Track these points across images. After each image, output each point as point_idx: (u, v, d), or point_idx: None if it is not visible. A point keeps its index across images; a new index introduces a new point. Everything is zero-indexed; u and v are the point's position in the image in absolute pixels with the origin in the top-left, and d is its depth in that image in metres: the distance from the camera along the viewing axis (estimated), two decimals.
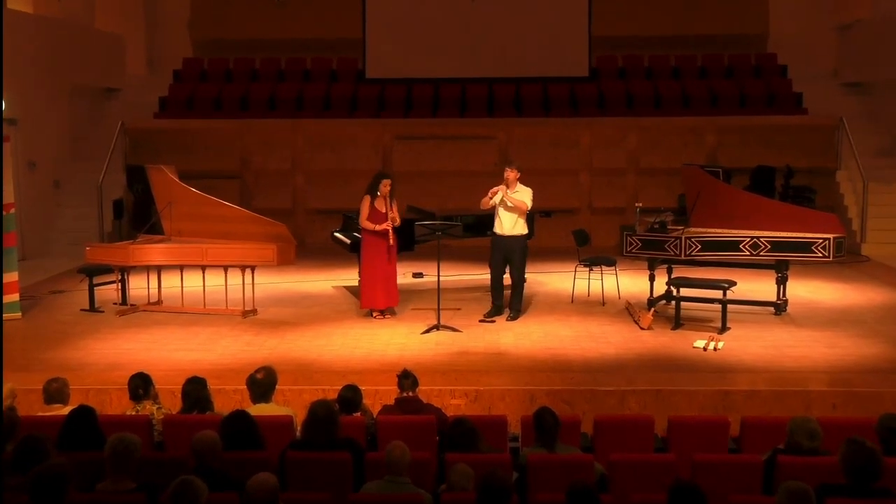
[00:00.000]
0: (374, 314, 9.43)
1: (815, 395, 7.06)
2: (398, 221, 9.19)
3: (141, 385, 5.88)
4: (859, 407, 6.87)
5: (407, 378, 5.99)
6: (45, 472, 4.09)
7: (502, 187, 9.09)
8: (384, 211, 9.13)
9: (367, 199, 9.18)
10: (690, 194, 9.77)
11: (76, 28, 15.06)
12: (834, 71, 16.20)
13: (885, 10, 14.61)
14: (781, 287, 9.47)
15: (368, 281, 9.35)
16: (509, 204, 9.08)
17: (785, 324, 9.15)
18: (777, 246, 9.02)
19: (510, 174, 9.10)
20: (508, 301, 9.41)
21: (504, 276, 9.36)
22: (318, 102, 15.40)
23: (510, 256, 9.22)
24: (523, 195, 9.13)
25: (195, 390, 5.73)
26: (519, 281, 9.33)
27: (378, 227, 9.11)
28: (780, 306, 9.45)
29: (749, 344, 8.35)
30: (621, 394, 7.13)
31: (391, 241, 9.11)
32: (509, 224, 9.15)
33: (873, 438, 4.71)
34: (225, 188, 13.45)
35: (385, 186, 9.12)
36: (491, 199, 9.11)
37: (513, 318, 9.34)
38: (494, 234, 9.26)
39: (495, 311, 9.38)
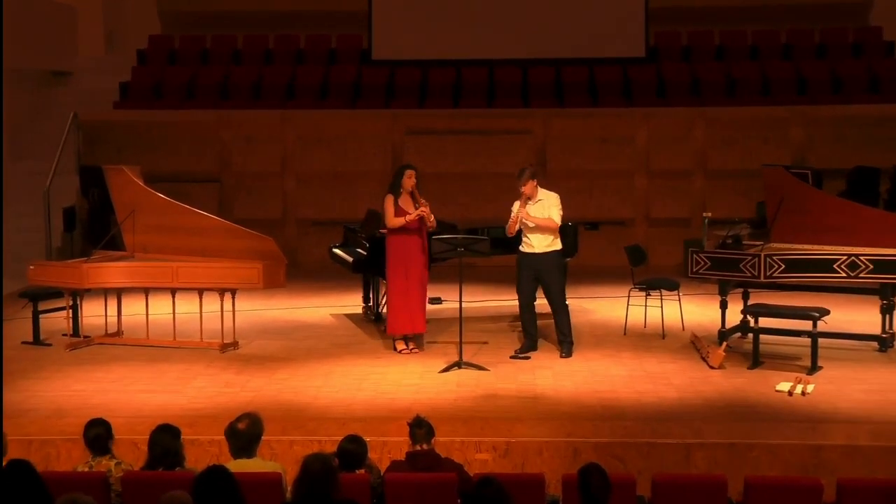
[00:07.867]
0: (400, 348, 9.44)
1: None
2: (433, 221, 9.19)
3: (104, 434, 5.91)
4: None
5: (421, 427, 6.00)
6: None
7: (521, 208, 9.07)
8: (412, 210, 9.22)
9: (391, 198, 9.25)
10: (772, 202, 9.75)
11: None
12: None
13: None
14: (887, 317, 9.41)
15: (398, 298, 9.30)
16: (531, 224, 9.10)
17: (892, 362, 9.10)
18: (881, 266, 8.97)
19: (524, 188, 9.05)
20: (556, 334, 9.38)
21: (535, 301, 9.36)
22: (314, 89, 15.51)
23: (544, 277, 9.21)
24: (548, 206, 9.11)
25: (164, 440, 5.74)
26: (561, 306, 9.31)
27: (409, 217, 9.11)
28: (885, 341, 9.40)
29: (846, 387, 8.31)
30: (686, 448, 7.11)
31: (429, 227, 9.16)
32: (538, 241, 9.15)
33: None
34: (200, 194, 13.56)
35: (409, 178, 9.22)
36: (515, 224, 9.11)
37: (567, 353, 9.28)
38: (521, 252, 9.28)
39: (530, 346, 9.39)
